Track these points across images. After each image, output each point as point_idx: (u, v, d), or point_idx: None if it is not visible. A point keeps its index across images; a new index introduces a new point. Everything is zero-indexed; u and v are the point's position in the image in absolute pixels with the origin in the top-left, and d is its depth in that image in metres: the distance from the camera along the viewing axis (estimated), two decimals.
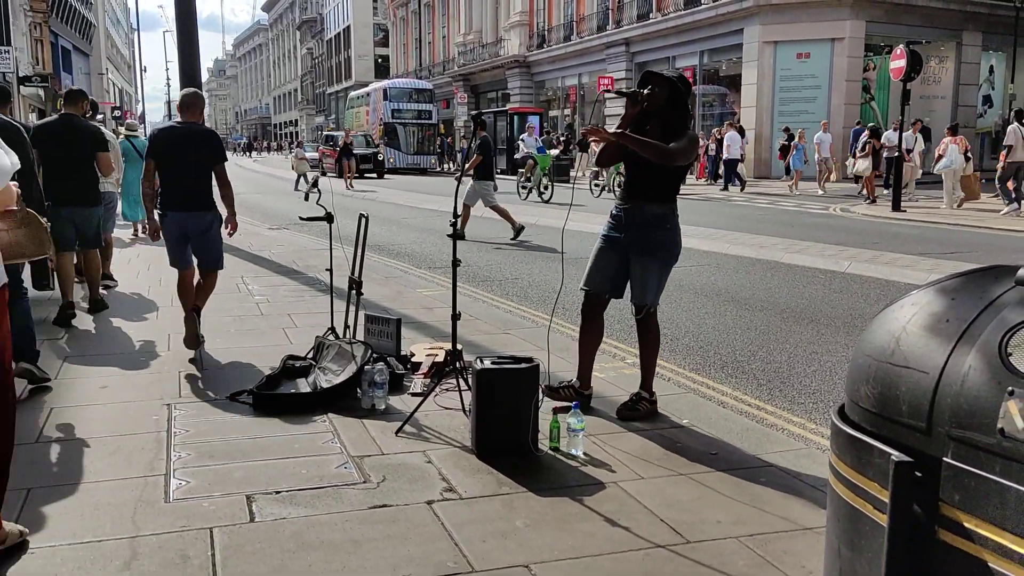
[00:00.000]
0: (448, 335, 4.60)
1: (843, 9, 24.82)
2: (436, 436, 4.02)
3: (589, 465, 3.70)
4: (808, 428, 4.54)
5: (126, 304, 7.30)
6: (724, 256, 10.99)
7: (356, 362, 4.58)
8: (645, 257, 4.23)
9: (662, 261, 4.27)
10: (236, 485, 3.43)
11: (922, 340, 1.92)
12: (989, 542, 1.69)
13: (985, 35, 27.48)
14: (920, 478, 1.80)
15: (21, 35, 32.74)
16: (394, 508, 3.24)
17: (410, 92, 40.90)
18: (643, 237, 4.22)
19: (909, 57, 16.46)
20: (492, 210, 12.68)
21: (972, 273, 2.10)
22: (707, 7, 27.63)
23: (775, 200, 19.92)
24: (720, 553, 2.92)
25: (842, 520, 2.05)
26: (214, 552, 2.89)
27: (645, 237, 4.22)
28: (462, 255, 4.62)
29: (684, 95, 4.30)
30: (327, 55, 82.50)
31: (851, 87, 25.40)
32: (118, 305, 7.24)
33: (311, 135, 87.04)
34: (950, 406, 1.79)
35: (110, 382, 4.91)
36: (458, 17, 49.34)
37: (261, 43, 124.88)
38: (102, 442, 3.92)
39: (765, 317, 7.29)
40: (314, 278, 8.57)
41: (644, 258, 4.23)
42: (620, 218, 4.30)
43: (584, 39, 35.69)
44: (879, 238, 12.41)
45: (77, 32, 46.42)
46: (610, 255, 4.33)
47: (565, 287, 5.39)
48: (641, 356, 4.46)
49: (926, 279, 7.44)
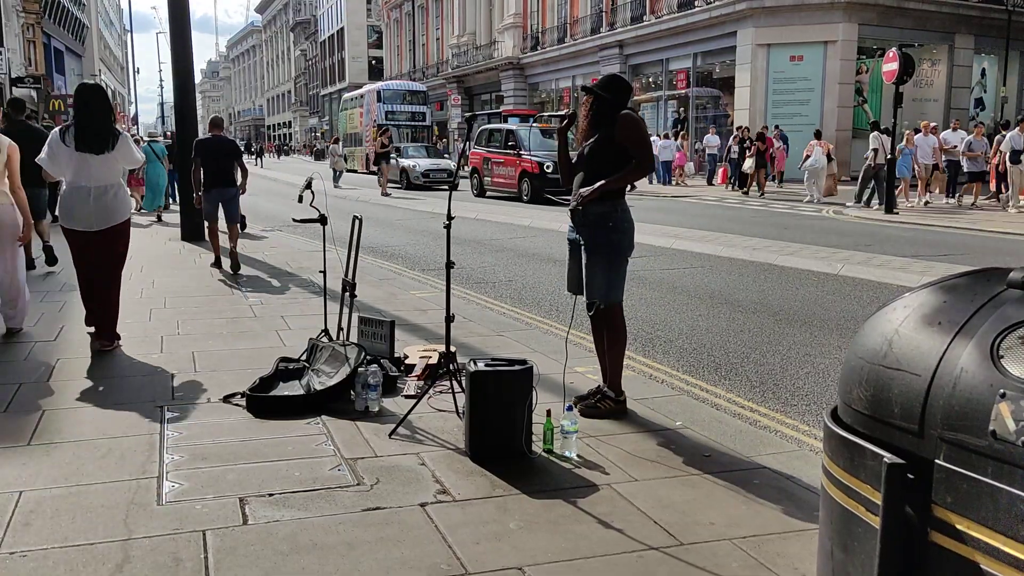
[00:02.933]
0: (442, 337, 4.60)
1: (836, 12, 24.90)
2: (430, 438, 4.02)
3: (583, 467, 3.70)
4: (801, 430, 4.55)
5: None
6: (717, 258, 11.01)
7: (349, 364, 4.58)
8: (591, 254, 4.33)
9: (607, 258, 4.32)
10: (229, 487, 3.42)
11: (914, 342, 1.92)
12: (981, 544, 1.70)
13: (977, 38, 27.60)
14: (912, 480, 1.81)
15: (13, 36, 32.62)
16: (387, 510, 3.24)
17: (404, 94, 40.87)
18: (590, 236, 4.34)
19: (901, 60, 16.52)
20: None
21: (964, 275, 2.11)
22: (700, 10, 27.70)
23: (766, 203, 19.97)
24: (713, 555, 2.93)
25: (835, 522, 2.06)
26: (207, 555, 2.88)
27: (591, 236, 4.34)
28: (456, 257, 4.62)
29: (610, 100, 4.34)
30: (321, 57, 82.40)
31: (844, 90, 25.47)
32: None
33: (304, 136, 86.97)
34: (942, 408, 1.79)
35: (103, 384, 4.89)
36: (452, 19, 49.33)
37: (254, 44, 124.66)
38: (94, 444, 3.90)
39: (758, 319, 7.31)
40: (308, 280, 8.56)
41: (590, 255, 4.33)
42: (572, 220, 4.47)
43: (578, 41, 35.74)
44: (872, 240, 12.45)
45: (70, 33, 46.29)
46: (575, 256, 4.50)
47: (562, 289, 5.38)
48: (606, 354, 4.48)
49: (919, 281, 7.46)
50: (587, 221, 4.33)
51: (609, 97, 4.34)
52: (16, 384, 4.86)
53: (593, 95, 4.37)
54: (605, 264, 4.31)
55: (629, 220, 4.38)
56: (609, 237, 4.31)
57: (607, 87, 4.41)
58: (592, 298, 4.35)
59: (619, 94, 4.40)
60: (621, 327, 4.46)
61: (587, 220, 4.33)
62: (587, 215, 4.32)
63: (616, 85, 4.45)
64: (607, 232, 4.31)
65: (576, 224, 4.43)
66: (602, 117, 4.32)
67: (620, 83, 4.48)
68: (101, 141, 5.51)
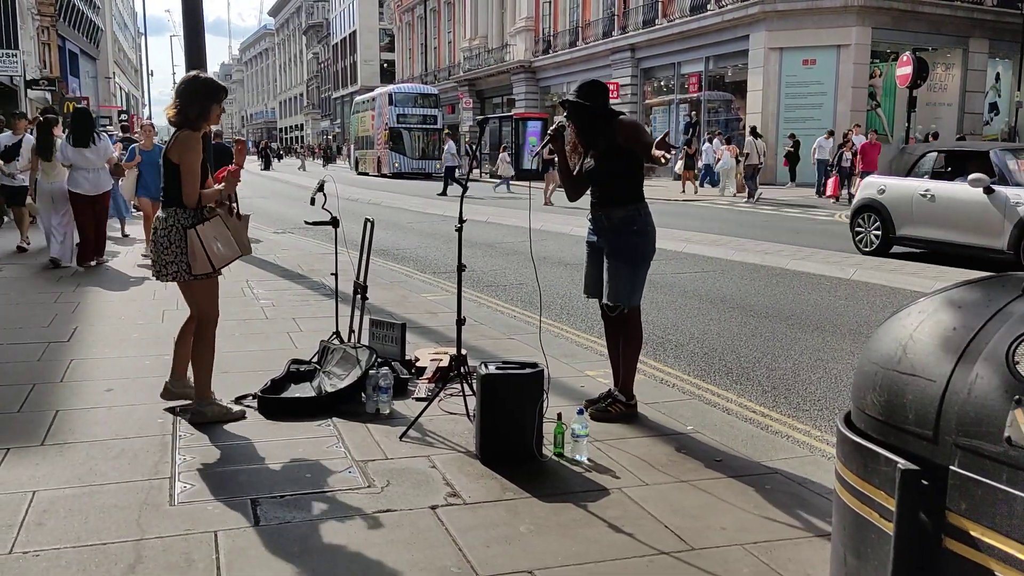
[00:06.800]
0: (453, 340, 4.60)
1: (849, 16, 24.81)
2: (440, 441, 4.02)
3: (593, 471, 3.69)
4: (813, 435, 4.53)
5: (131, 308, 7.31)
6: (729, 262, 10.98)
7: (361, 367, 4.58)
8: (614, 258, 4.31)
9: (631, 262, 4.30)
10: (241, 489, 3.43)
11: (929, 348, 1.91)
12: (996, 551, 1.69)
13: (992, 42, 27.45)
14: (927, 486, 1.80)
15: (29, 39, 32.89)
16: (398, 513, 3.24)
17: (415, 97, 40.96)
18: (613, 240, 4.32)
19: (915, 64, 16.49)
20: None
21: (979, 281, 2.10)
22: (713, 13, 27.65)
23: (780, 207, 19.91)
24: (725, 560, 2.92)
25: (848, 528, 2.05)
26: (219, 556, 2.89)
27: (614, 240, 4.32)
28: (467, 260, 4.62)
29: (595, 107, 4.31)
30: (333, 60, 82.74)
31: (857, 94, 25.37)
32: (123, 309, 7.26)
33: (316, 139, 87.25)
34: (957, 414, 1.78)
35: (115, 385, 4.92)
36: (464, 22, 49.44)
37: (267, 48, 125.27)
38: (107, 445, 3.93)
39: (770, 324, 7.28)
40: (319, 282, 8.58)
41: (613, 259, 4.31)
42: (593, 224, 4.45)
43: (590, 45, 35.75)
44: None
45: (85, 36, 46.62)
46: (593, 260, 4.47)
47: (573, 293, 5.38)
48: (621, 358, 4.46)
49: (932, 287, 7.43)
50: (611, 225, 4.32)
51: (594, 105, 4.30)
52: (30, 384, 4.89)
53: (577, 106, 4.30)
54: (629, 268, 4.30)
55: (651, 224, 4.37)
56: (633, 240, 4.30)
57: (588, 95, 4.31)
58: (616, 302, 4.32)
59: (599, 98, 4.35)
60: (638, 331, 4.46)
61: (611, 224, 4.32)
62: (611, 219, 4.32)
63: (595, 91, 4.37)
64: (631, 236, 4.29)
65: (597, 228, 4.41)
66: (593, 126, 4.30)
67: (598, 87, 4.40)
68: (88, 140, 9.28)
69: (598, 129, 4.30)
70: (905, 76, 16.74)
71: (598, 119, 4.31)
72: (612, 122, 4.28)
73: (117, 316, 6.88)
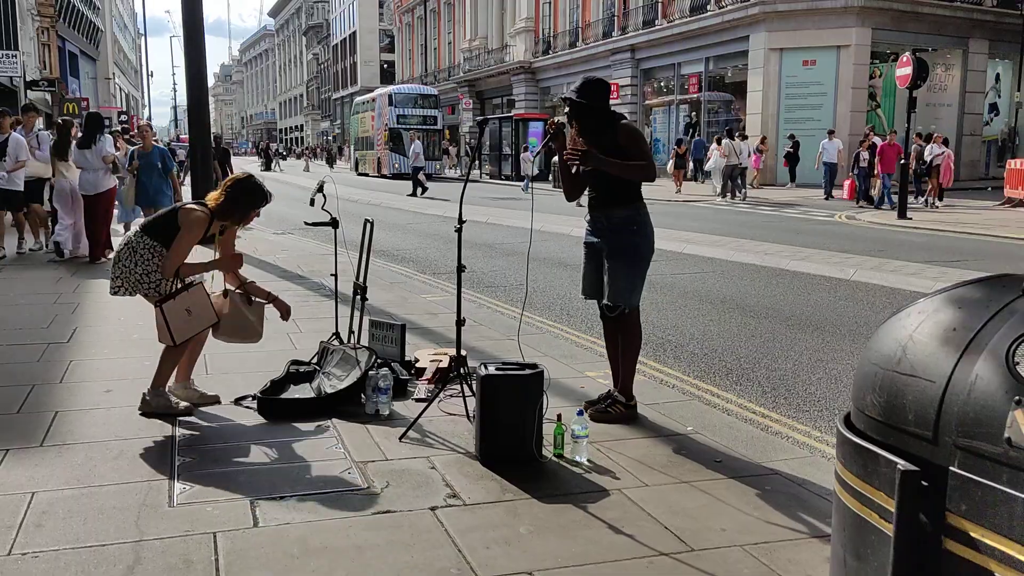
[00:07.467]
0: (452, 341, 4.60)
1: (849, 16, 24.81)
2: (440, 442, 4.01)
3: (593, 472, 3.69)
4: (813, 436, 4.53)
5: (130, 309, 7.30)
6: (729, 263, 10.97)
7: (360, 367, 4.58)
8: (613, 259, 4.31)
9: (630, 262, 4.31)
10: (240, 490, 3.43)
11: (929, 348, 1.91)
12: (996, 552, 1.68)
13: (992, 43, 27.46)
14: (926, 487, 1.80)
15: (28, 39, 32.88)
16: (398, 514, 3.24)
17: (415, 98, 40.96)
18: (612, 240, 4.32)
19: (915, 65, 16.46)
20: None
21: (979, 281, 2.10)
22: (713, 14, 27.66)
23: (780, 207, 19.91)
24: (725, 561, 2.91)
25: (848, 529, 2.05)
26: (218, 557, 2.88)
27: (613, 240, 4.32)
28: (467, 261, 4.61)
29: (596, 106, 4.30)
30: (333, 61, 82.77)
31: (857, 94, 25.37)
32: (122, 310, 7.25)
33: (317, 140, 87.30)
34: (957, 415, 1.78)
35: (114, 386, 4.91)
36: (463, 23, 49.45)
37: (267, 48, 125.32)
38: (106, 446, 3.92)
39: (770, 324, 7.28)
40: (319, 283, 8.58)
41: (613, 260, 4.31)
42: (592, 225, 4.45)
43: (589, 45, 35.75)
44: (884, 245, 12.39)
45: (84, 37, 46.61)
46: (592, 261, 4.47)
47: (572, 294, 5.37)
48: (621, 358, 4.46)
49: (932, 287, 7.42)
50: (610, 225, 4.33)
51: (595, 104, 4.30)
52: (29, 385, 4.89)
53: (578, 104, 4.28)
54: (629, 268, 4.31)
55: (650, 224, 4.38)
56: (633, 241, 4.31)
57: (589, 94, 4.30)
58: (616, 302, 4.33)
59: (601, 97, 4.34)
60: (638, 331, 4.46)
61: (610, 224, 4.33)
62: (610, 219, 4.33)
63: (596, 89, 4.35)
64: (631, 236, 4.30)
65: (596, 228, 4.41)
66: (595, 124, 4.30)
67: (599, 85, 4.38)
68: (89, 142, 10.03)
69: (596, 127, 4.29)
70: (905, 77, 16.70)
71: (599, 117, 4.30)
72: (614, 124, 4.29)
73: (116, 317, 6.87)
